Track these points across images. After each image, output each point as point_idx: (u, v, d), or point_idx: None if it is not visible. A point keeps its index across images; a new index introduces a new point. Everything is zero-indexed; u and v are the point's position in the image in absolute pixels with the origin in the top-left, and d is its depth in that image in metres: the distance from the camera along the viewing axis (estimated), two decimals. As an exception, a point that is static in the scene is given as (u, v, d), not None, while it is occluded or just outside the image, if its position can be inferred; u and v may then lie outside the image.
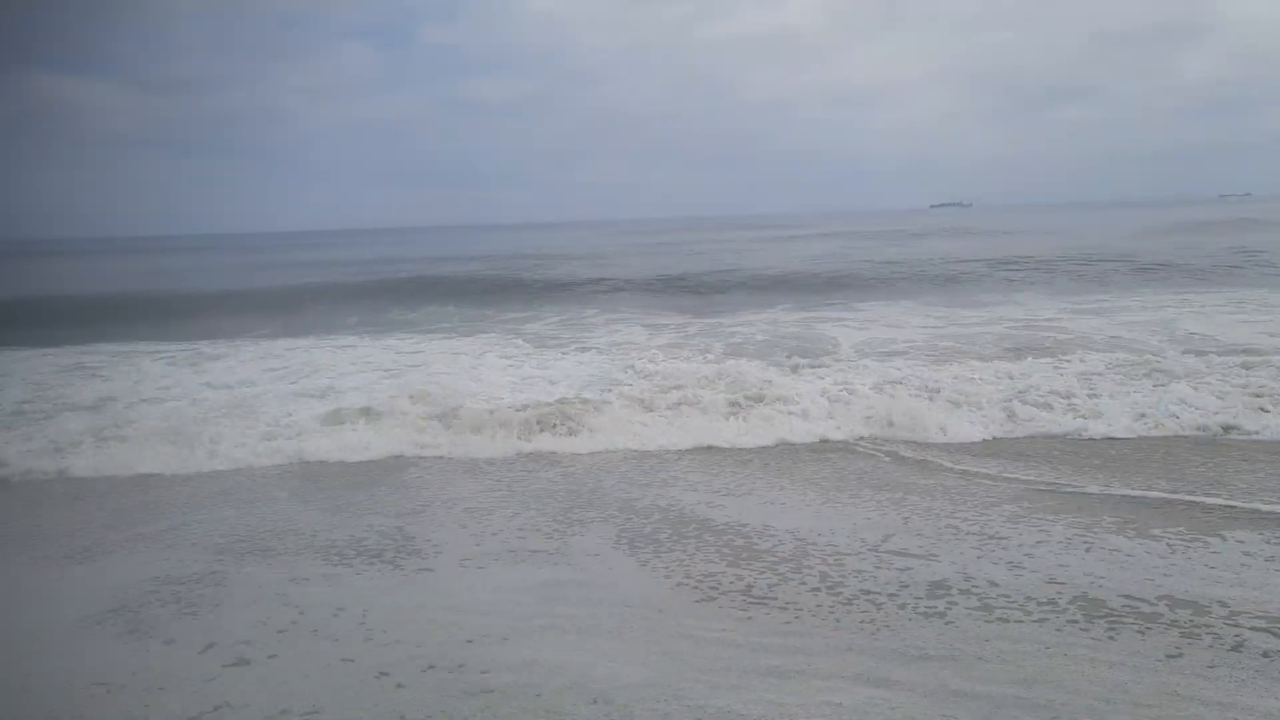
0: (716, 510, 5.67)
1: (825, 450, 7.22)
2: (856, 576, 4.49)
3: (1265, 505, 5.35)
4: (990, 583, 4.31)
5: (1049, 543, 4.83)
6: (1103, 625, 3.82)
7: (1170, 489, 5.76)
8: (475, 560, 4.99)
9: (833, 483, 6.26)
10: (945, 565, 4.56)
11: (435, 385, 8.89)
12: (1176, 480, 5.96)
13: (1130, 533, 4.93)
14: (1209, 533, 4.89)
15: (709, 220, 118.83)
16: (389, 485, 6.58)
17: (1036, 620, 3.91)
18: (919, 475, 6.38)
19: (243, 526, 5.68)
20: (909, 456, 6.93)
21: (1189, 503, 5.46)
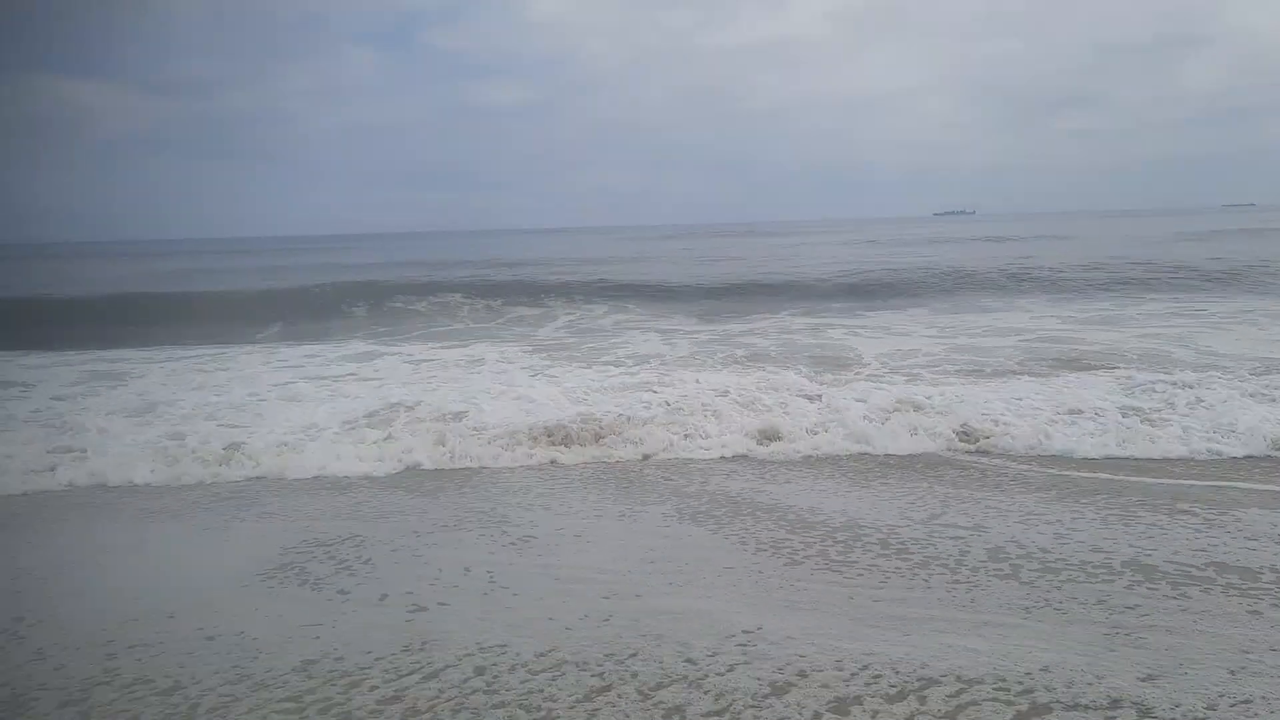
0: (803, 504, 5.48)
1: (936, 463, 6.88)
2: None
3: None
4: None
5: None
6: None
7: None
8: (582, 534, 5.35)
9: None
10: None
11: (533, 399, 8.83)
12: None
13: None
14: None
15: (712, 227, 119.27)
16: (478, 483, 6.70)
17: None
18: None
19: (366, 506, 6.13)
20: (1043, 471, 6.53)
21: None
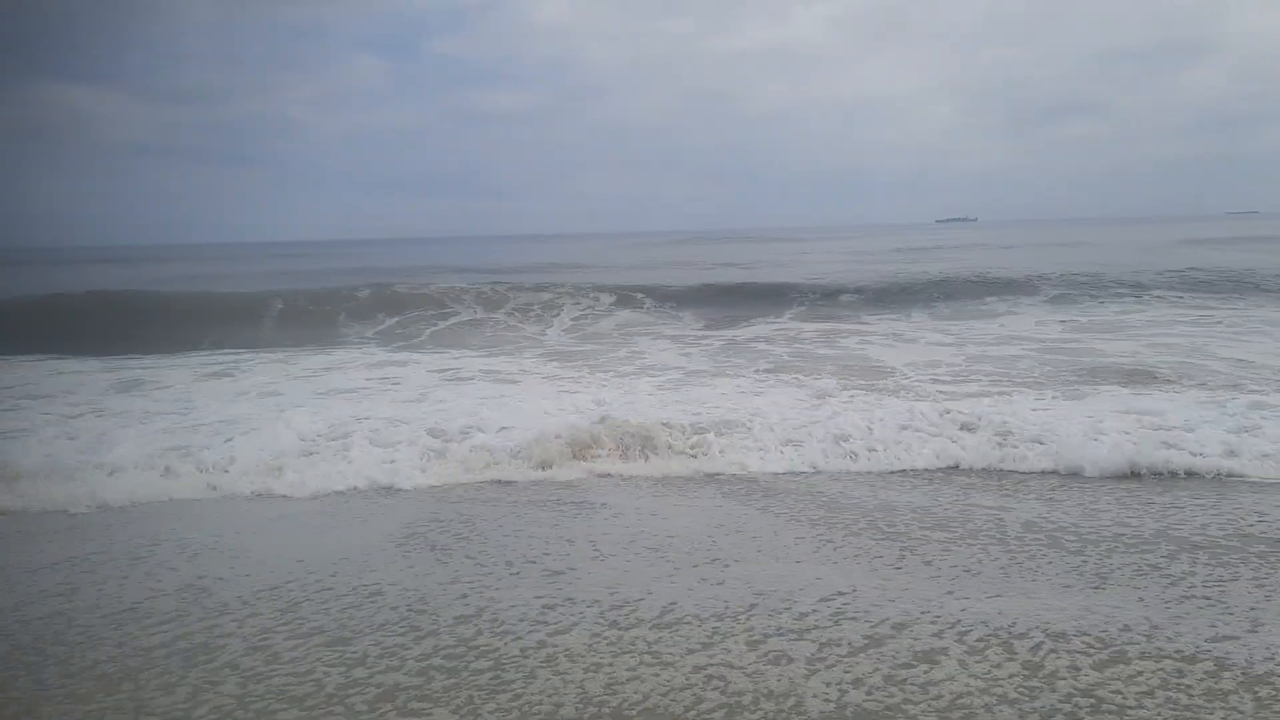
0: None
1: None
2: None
3: None
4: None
5: None
6: None
7: None
8: (653, 511, 6.45)
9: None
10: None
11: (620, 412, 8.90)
12: None
13: None
14: None
15: (715, 232, 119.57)
16: (570, 491, 7.16)
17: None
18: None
19: (470, 499, 6.93)
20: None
21: None
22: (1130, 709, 3.51)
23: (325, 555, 5.64)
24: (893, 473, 7.40)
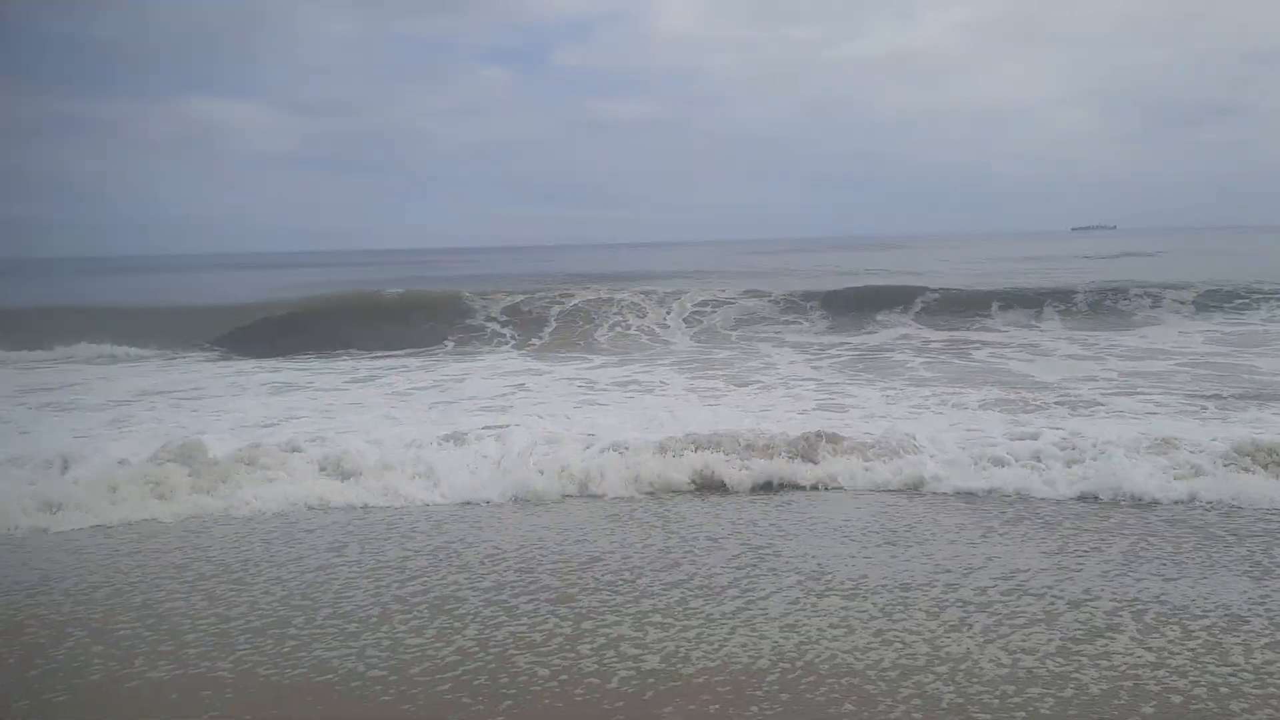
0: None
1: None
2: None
3: None
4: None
5: None
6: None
7: None
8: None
9: None
10: None
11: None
12: None
13: None
14: None
15: (841, 239, 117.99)
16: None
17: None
18: None
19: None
20: None
21: None
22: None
23: (557, 529, 6.50)
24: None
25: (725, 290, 21.38)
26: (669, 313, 19.75)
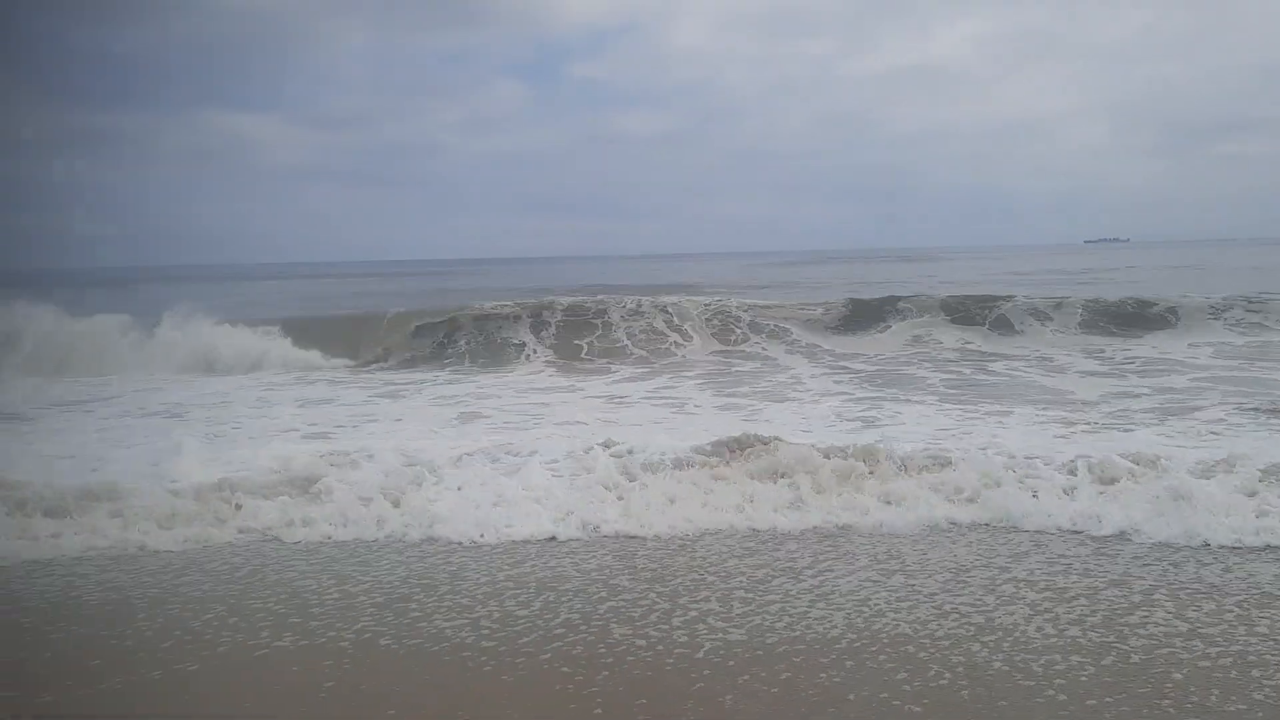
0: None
1: None
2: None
3: None
4: None
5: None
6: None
7: None
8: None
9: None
10: None
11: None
12: None
13: None
14: None
15: (850, 252, 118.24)
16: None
17: None
18: None
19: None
20: None
21: None
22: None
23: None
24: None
25: (747, 300, 21.34)
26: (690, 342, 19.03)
